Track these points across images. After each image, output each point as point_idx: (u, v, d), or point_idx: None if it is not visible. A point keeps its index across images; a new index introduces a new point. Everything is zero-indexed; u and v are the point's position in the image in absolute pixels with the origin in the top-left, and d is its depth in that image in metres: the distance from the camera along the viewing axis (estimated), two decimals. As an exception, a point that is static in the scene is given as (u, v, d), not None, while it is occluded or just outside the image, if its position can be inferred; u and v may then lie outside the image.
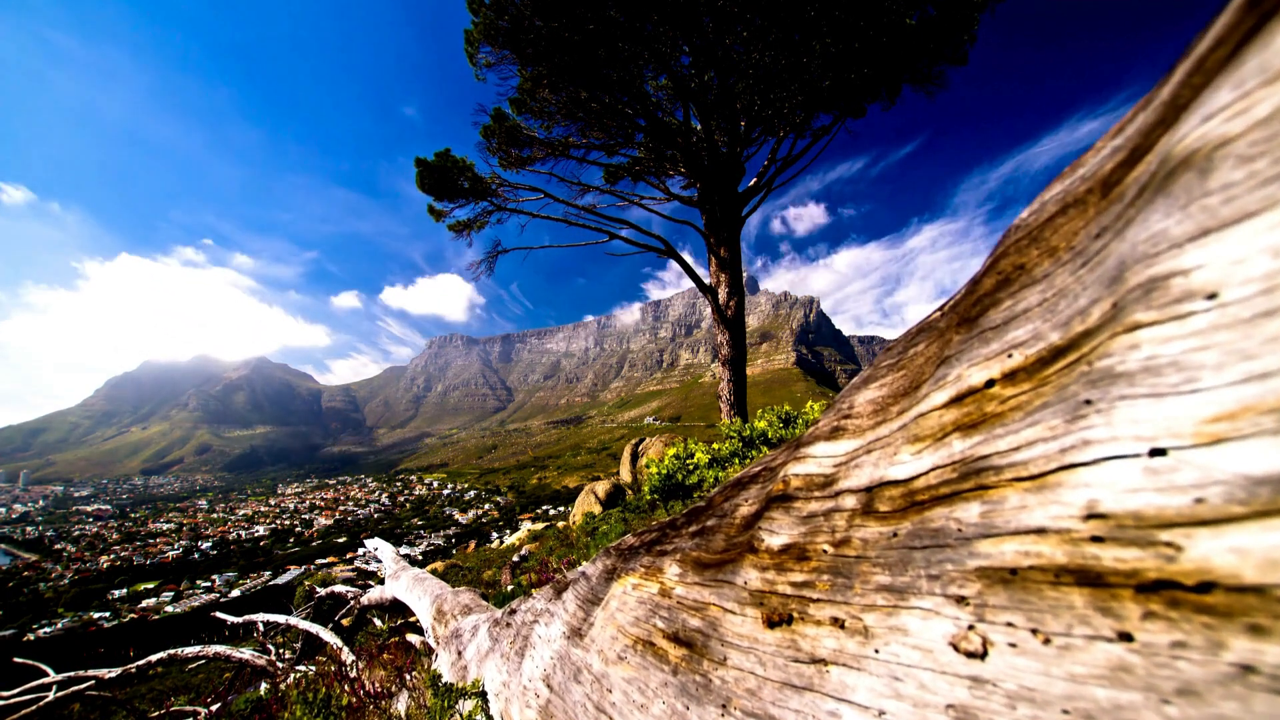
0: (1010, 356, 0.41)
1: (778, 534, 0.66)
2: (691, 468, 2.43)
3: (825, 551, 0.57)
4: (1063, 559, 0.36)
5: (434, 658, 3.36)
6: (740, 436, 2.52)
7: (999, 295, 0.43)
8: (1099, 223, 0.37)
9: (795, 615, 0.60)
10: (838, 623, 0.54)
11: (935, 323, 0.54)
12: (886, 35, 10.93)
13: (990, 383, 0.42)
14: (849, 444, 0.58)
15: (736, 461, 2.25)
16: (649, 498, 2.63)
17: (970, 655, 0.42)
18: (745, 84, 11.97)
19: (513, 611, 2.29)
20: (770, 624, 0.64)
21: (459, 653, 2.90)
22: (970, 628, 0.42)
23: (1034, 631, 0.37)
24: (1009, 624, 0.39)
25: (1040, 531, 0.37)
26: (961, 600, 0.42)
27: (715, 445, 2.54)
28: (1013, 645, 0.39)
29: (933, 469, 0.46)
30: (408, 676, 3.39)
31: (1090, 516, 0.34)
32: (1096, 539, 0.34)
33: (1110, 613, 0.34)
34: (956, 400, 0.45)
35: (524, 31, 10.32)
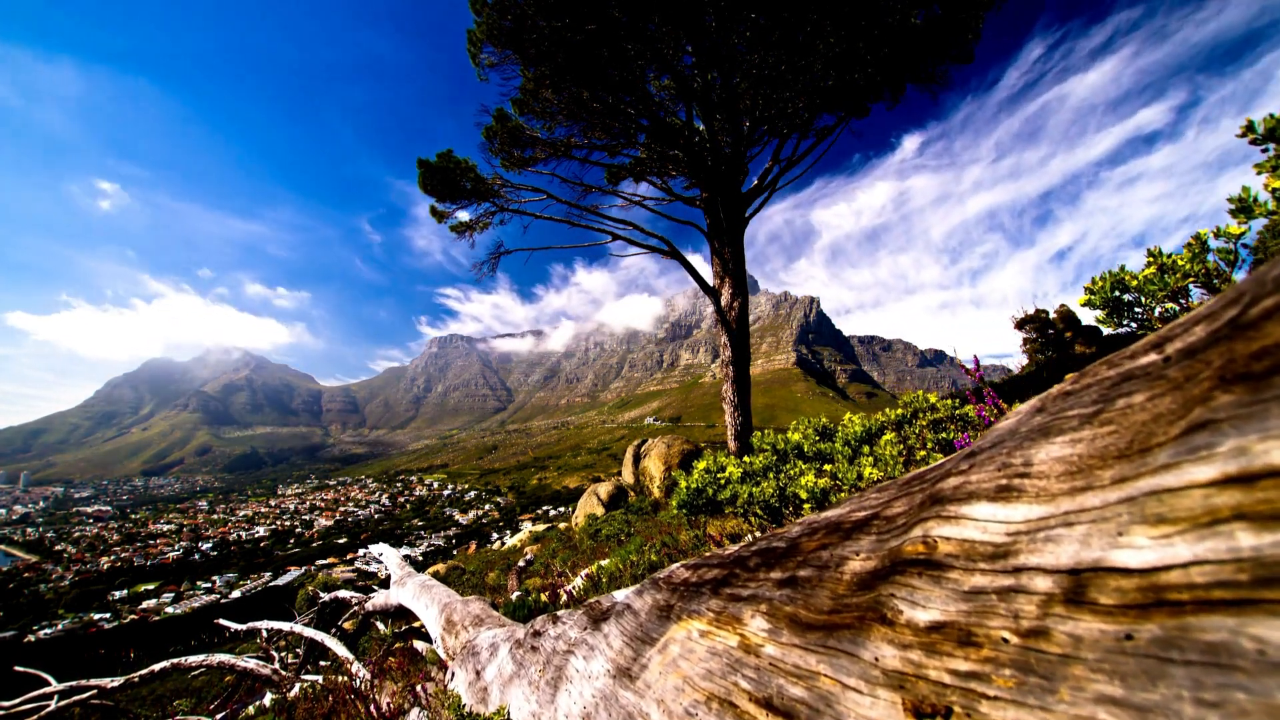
0: (1351, 433, 0.31)
1: (923, 607, 0.56)
2: (723, 482, 2.33)
3: (1005, 640, 0.47)
4: None
5: (449, 674, 3.26)
6: (774, 449, 2.43)
7: (1311, 347, 0.34)
8: None
9: (957, 709, 0.50)
10: (1027, 730, 0.44)
11: (1155, 369, 0.44)
12: (891, 35, 10.85)
13: (1313, 465, 0.32)
14: (1030, 509, 0.48)
15: (771, 476, 2.15)
16: (675, 512, 2.54)
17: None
18: (748, 84, 11.88)
19: (537, 634, 2.19)
20: (917, 714, 0.54)
21: (477, 672, 2.80)
22: (1276, 781, 0.32)
23: None
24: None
25: None
26: (1261, 743, 0.33)
27: (747, 459, 2.44)
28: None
29: (1195, 563, 0.36)
30: (421, 692, 3.29)
31: None
32: None
33: None
34: (1240, 481, 0.35)
35: (527, 31, 10.24)
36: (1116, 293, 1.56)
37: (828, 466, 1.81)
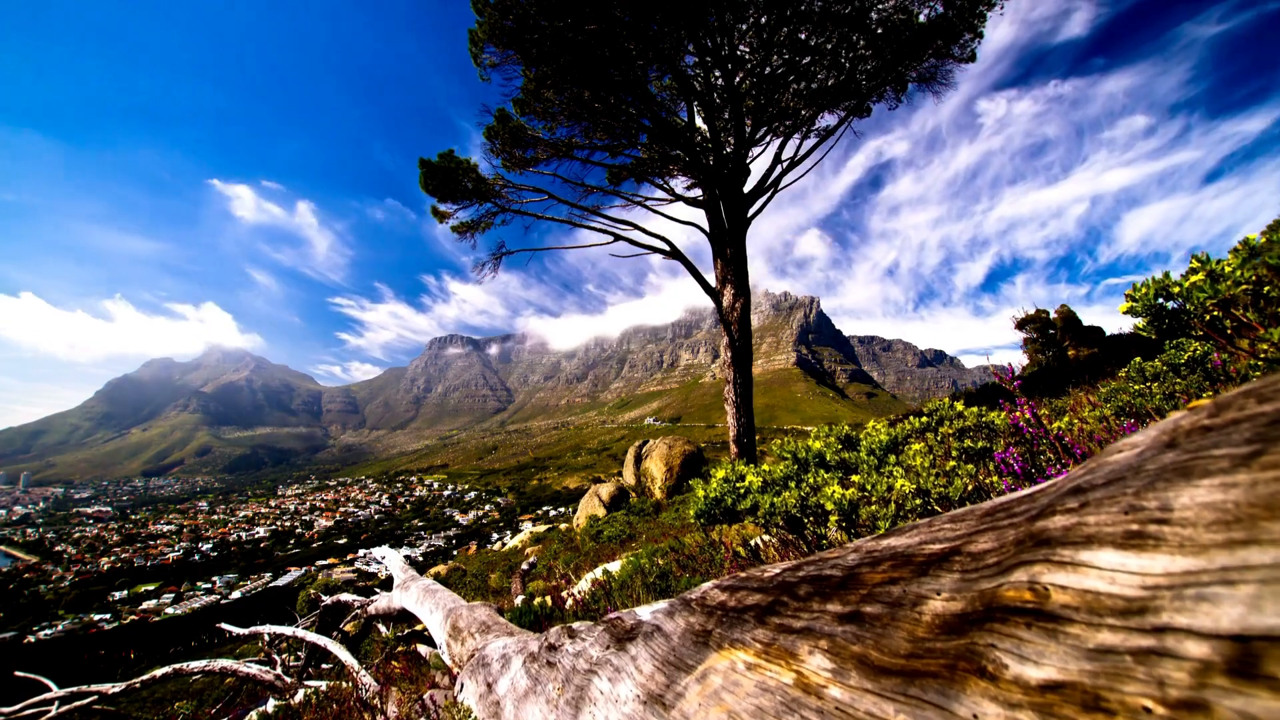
0: None
1: (1035, 663, 0.50)
2: (742, 491, 2.28)
3: (1147, 710, 0.42)
4: None
5: (457, 685, 3.21)
6: (795, 458, 2.37)
7: None
8: None
9: (1080, 784, 0.45)
10: (1178, 817, 0.39)
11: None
12: (894, 35, 10.81)
13: None
14: (1173, 562, 0.43)
15: (793, 485, 2.09)
16: (692, 520, 2.48)
17: None
18: (750, 84, 11.84)
19: (553, 647, 2.13)
20: (1028, 783, 0.48)
21: (489, 685, 2.75)
22: None
23: None
24: None
25: None
26: None
27: (765, 466, 2.39)
28: None
29: None
30: (430, 703, 3.24)
31: None
32: None
33: None
34: None
35: (528, 31, 10.19)
36: (1160, 300, 1.50)
37: (855, 477, 1.75)
